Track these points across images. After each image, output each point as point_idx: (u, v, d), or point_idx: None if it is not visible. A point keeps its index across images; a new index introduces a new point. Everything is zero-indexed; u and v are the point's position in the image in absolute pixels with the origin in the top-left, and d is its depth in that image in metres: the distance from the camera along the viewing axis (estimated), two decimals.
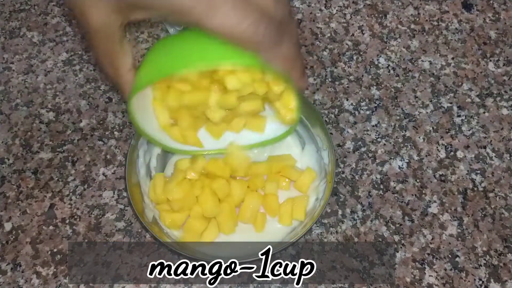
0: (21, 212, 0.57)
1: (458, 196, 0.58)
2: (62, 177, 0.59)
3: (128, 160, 0.52)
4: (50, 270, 0.54)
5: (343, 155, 0.60)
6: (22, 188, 0.58)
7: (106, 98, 0.64)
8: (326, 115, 0.63)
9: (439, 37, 0.68)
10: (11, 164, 0.60)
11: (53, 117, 0.63)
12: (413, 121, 0.62)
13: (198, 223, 0.52)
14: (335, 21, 0.70)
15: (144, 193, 0.53)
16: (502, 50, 0.67)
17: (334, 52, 0.67)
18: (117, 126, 0.62)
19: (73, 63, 0.67)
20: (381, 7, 0.71)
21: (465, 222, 0.56)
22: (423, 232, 0.55)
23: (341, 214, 0.56)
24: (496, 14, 0.70)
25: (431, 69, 0.66)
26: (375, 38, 0.68)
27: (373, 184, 0.58)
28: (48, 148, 0.61)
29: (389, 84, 0.65)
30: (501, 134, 0.62)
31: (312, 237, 0.55)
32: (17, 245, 0.55)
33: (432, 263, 0.54)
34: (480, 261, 0.54)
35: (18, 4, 0.72)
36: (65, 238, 0.55)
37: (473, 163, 0.60)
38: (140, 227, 0.56)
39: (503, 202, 0.57)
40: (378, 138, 0.61)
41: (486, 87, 0.65)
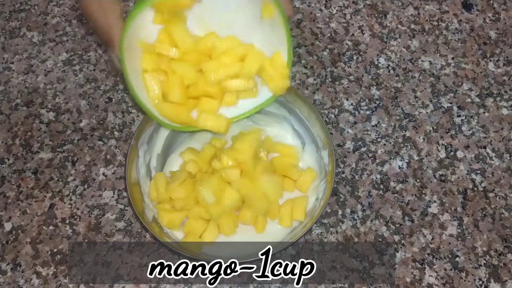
0: (21, 212, 0.57)
1: (458, 196, 0.58)
2: (62, 177, 0.59)
3: (128, 160, 0.52)
4: (50, 270, 0.54)
5: (343, 155, 0.60)
6: (22, 188, 0.58)
7: (106, 98, 0.64)
8: (326, 115, 0.63)
9: (439, 37, 0.68)
10: (11, 164, 0.60)
11: (53, 117, 0.63)
12: (413, 121, 0.62)
13: (198, 224, 0.52)
14: (335, 21, 0.70)
15: (144, 193, 0.53)
16: (502, 50, 0.67)
17: (334, 52, 0.67)
18: (117, 126, 0.62)
19: (73, 63, 0.67)
20: (381, 7, 0.71)
21: (465, 222, 0.56)
22: (423, 232, 0.55)
23: (341, 214, 0.56)
24: (496, 14, 0.70)
25: (431, 69, 0.66)
26: (375, 38, 0.68)
27: (373, 184, 0.58)
28: (48, 148, 0.61)
29: (389, 84, 0.65)
30: (501, 134, 0.62)
31: (312, 237, 0.55)
32: (17, 245, 0.55)
33: (432, 263, 0.54)
34: (480, 261, 0.54)
35: (18, 4, 0.72)
36: (65, 238, 0.55)
37: (473, 163, 0.60)
38: (140, 227, 0.56)
39: (503, 202, 0.57)
40: (378, 138, 0.61)
41: (486, 87, 0.65)
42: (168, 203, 0.52)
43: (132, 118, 0.62)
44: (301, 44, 0.67)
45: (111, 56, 0.45)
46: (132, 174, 0.52)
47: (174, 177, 0.53)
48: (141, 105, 0.48)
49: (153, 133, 0.56)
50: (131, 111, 0.63)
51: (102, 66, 0.66)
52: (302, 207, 0.53)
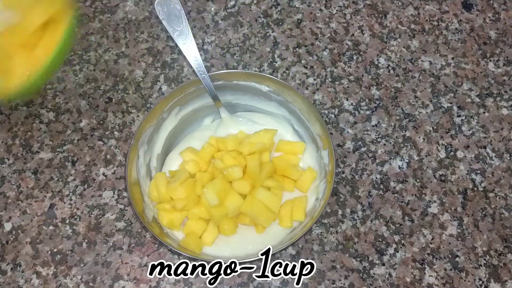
0: (21, 212, 0.57)
1: (458, 196, 0.58)
2: (62, 177, 0.59)
3: (128, 160, 0.52)
4: (50, 270, 0.54)
5: (343, 155, 0.60)
6: (22, 188, 0.58)
7: (106, 98, 0.64)
8: (326, 115, 0.63)
9: (439, 37, 0.68)
10: (11, 164, 0.60)
11: (53, 117, 0.63)
12: (413, 121, 0.62)
13: (198, 224, 0.52)
14: (335, 21, 0.70)
15: (144, 193, 0.53)
16: (502, 50, 0.67)
17: (334, 52, 0.67)
18: (117, 126, 0.62)
19: (73, 63, 0.67)
20: (381, 7, 0.71)
21: (465, 222, 0.56)
22: (423, 232, 0.55)
23: (341, 214, 0.56)
24: (496, 14, 0.70)
25: (431, 69, 0.66)
26: (375, 38, 0.68)
27: (373, 184, 0.58)
28: (48, 148, 0.61)
29: (389, 84, 0.65)
30: (501, 134, 0.62)
31: (312, 237, 0.55)
32: (17, 245, 0.55)
33: (432, 263, 0.54)
34: (480, 261, 0.54)
35: None
36: (65, 238, 0.55)
37: (473, 163, 0.60)
38: (140, 227, 0.56)
39: (503, 202, 0.57)
40: (378, 138, 0.61)
41: (486, 87, 0.65)
42: (168, 203, 0.52)
43: (132, 118, 0.62)
44: (301, 44, 0.67)
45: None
46: (132, 174, 0.52)
47: (174, 177, 0.53)
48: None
49: (153, 133, 0.56)
50: (131, 111, 0.63)
51: (102, 66, 0.66)
52: (302, 207, 0.53)
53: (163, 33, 0.68)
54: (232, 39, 0.68)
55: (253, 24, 0.69)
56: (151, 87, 0.64)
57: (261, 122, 0.59)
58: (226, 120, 0.59)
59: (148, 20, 0.69)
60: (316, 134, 0.55)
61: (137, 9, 0.70)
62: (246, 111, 0.60)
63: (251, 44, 0.67)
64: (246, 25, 0.69)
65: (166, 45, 0.67)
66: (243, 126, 0.59)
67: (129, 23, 0.69)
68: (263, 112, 0.60)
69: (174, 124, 0.58)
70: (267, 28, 0.68)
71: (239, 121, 0.59)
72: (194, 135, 0.59)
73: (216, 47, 0.67)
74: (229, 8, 0.70)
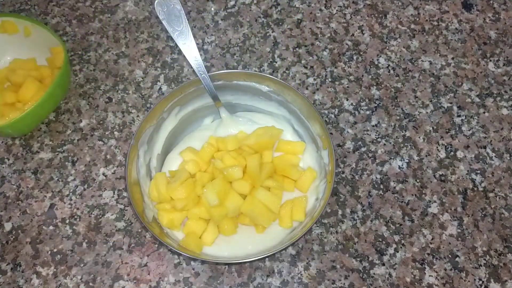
0: (21, 212, 0.57)
1: (458, 196, 0.58)
2: (62, 177, 0.59)
3: (128, 160, 0.52)
4: (50, 270, 0.54)
5: (343, 155, 0.60)
6: (22, 188, 0.58)
7: (106, 98, 0.64)
8: (326, 115, 0.63)
9: (439, 37, 0.68)
10: (11, 164, 0.60)
11: (53, 117, 0.63)
12: (413, 121, 0.62)
13: (198, 224, 0.52)
14: (335, 21, 0.70)
15: (144, 193, 0.53)
16: (502, 50, 0.67)
17: (334, 52, 0.67)
18: (117, 126, 0.62)
19: (73, 63, 0.67)
20: (381, 7, 0.71)
21: (465, 222, 0.56)
22: (423, 232, 0.55)
23: (341, 214, 0.56)
24: (496, 14, 0.70)
25: (431, 69, 0.66)
26: (375, 38, 0.68)
27: (373, 184, 0.58)
28: (48, 148, 0.61)
29: (389, 84, 0.65)
30: (501, 134, 0.62)
31: (312, 237, 0.55)
32: (17, 245, 0.55)
33: (432, 263, 0.54)
34: (480, 261, 0.54)
35: (18, 4, 0.72)
36: (65, 238, 0.55)
37: (473, 163, 0.60)
38: (140, 227, 0.56)
39: (503, 202, 0.57)
40: (378, 138, 0.61)
41: (486, 87, 0.65)
42: (168, 203, 0.52)
43: (132, 118, 0.62)
44: (301, 44, 0.67)
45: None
46: (132, 174, 0.52)
47: (174, 177, 0.53)
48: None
49: (153, 133, 0.56)
50: (131, 111, 0.63)
51: (102, 66, 0.66)
52: (302, 207, 0.53)
53: (163, 33, 0.68)
54: (232, 39, 0.68)
55: (253, 24, 0.69)
56: (151, 87, 0.64)
57: (261, 122, 0.59)
58: (226, 120, 0.59)
59: (148, 20, 0.69)
60: (316, 134, 0.55)
61: (137, 9, 0.70)
62: (246, 111, 0.60)
63: (251, 44, 0.67)
64: (246, 25, 0.69)
65: (166, 45, 0.67)
66: (243, 126, 0.59)
67: (129, 23, 0.69)
68: (263, 112, 0.60)
69: (174, 124, 0.58)
70: (267, 28, 0.68)
71: (239, 121, 0.59)
72: (194, 135, 0.59)
73: (216, 47, 0.67)
74: (229, 8, 0.70)
